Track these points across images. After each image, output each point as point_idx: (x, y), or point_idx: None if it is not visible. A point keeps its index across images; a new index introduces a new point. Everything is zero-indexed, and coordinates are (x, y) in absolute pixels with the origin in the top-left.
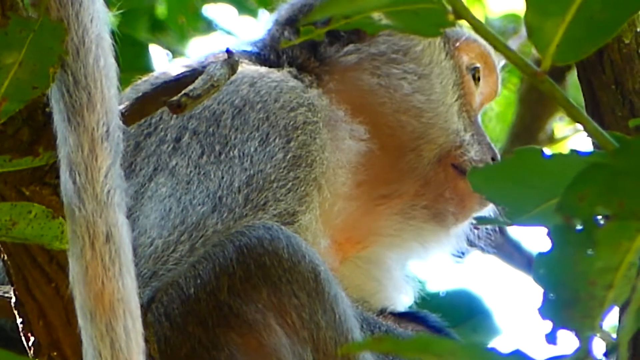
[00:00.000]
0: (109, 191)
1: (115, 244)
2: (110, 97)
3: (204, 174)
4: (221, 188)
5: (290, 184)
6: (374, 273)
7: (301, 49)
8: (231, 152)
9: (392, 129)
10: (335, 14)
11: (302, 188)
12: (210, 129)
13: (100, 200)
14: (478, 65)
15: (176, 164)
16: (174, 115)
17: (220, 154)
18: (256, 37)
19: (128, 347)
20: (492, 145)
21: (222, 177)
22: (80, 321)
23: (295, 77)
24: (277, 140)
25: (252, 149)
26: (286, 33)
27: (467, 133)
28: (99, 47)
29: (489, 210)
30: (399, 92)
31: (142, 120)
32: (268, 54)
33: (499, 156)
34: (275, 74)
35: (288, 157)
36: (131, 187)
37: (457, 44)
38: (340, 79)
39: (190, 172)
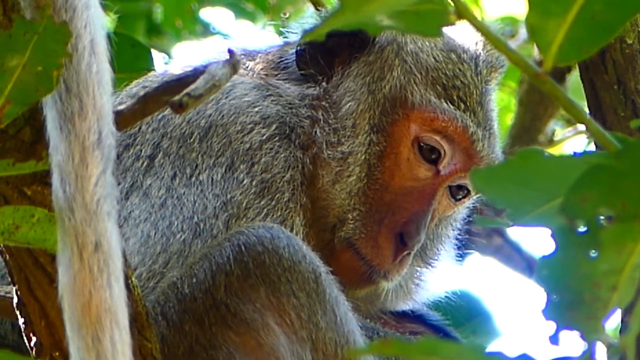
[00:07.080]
0: (98, 200)
1: (104, 253)
2: (103, 103)
3: (177, 197)
4: (196, 213)
5: (265, 210)
6: None
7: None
8: (201, 176)
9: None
10: (342, 26)
11: (279, 214)
12: (181, 151)
13: (89, 210)
14: (435, 137)
15: (150, 184)
16: (150, 129)
17: (191, 176)
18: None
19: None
20: (412, 233)
21: (195, 202)
22: (68, 332)
23: (257, 86)
24: (241, 166)
25: (220, 176)
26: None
27: (355, 211)
28: (93, 53)
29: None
30: (317, 139)
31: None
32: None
33: (412, 245)
34: (241, 86)
35: (254, 182)
36: None
37: (407, 113)
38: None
39: (163, 195)
